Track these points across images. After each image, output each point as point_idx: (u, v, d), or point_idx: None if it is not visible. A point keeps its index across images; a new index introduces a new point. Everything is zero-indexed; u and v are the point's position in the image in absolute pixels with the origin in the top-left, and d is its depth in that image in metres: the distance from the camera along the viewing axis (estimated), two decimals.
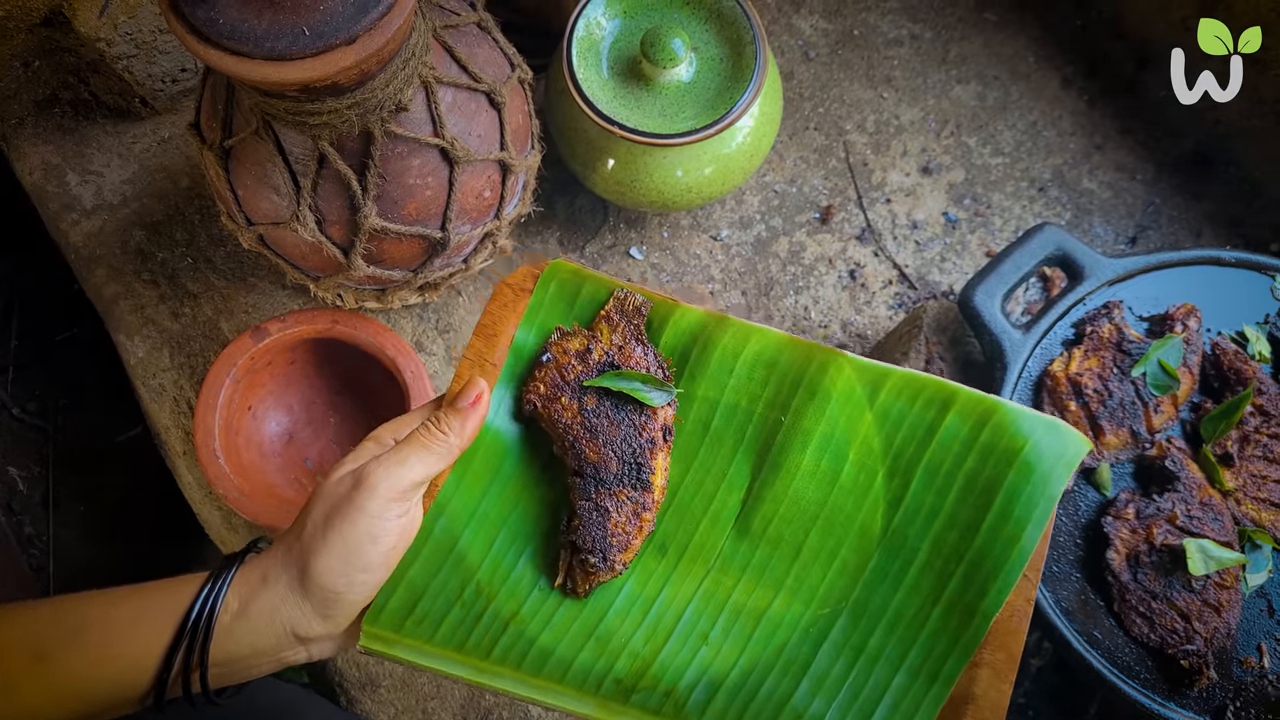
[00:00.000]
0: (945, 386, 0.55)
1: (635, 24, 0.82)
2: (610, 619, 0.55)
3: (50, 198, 0.98)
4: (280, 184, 0.70)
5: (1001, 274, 0.79)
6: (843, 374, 0.55)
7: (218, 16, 0.57)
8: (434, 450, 0.53)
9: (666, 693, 0.53)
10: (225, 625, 0.51)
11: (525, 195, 0.83)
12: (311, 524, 0.52)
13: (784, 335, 0.57)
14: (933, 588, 0.53)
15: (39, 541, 1.18)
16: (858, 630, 0.54)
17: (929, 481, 0.54)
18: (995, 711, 0.52)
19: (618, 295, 0.58)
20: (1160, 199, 0.98)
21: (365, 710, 0.85)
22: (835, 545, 0.55)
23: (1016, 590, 0.52)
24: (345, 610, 0.52)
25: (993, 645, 0.52)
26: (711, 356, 0.57)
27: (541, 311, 0.58)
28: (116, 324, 0.94)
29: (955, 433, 0.54)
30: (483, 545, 0.56)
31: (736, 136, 0.83)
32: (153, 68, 0.94)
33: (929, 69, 1.02)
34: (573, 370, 0.56)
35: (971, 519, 0.53)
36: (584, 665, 0.54)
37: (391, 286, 0.81)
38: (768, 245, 0.97)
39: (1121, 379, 0.76)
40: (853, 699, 0.53)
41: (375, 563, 0.52)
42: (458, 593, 0.55)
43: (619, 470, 0.55)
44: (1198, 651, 0.69)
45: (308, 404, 0.90)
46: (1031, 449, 0.53)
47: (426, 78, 0.68)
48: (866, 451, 0.55)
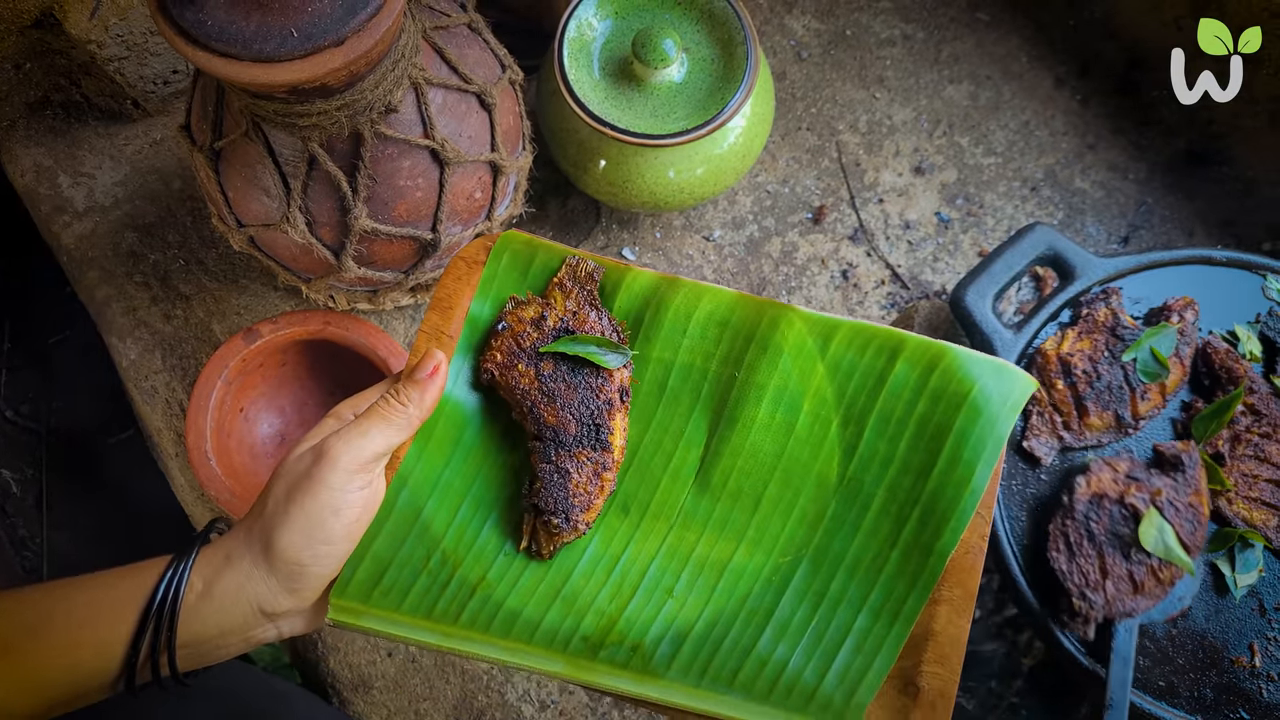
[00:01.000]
0: (894, 335, 0.56)
1: (627, 25, 0.82)
2: (576, 579, 0.56)
3: (42, 200, 0.98)
4: (270, 186, 0.70)
5: (992, 274, 0.79)
6: (794, 328, 0.57)
7: (206, 18, 0.57)
8: (393, 422, 0.53)
9: (633, 647, 0.55)
10: (191, 606, 0.51)
11: (517, 196, 0.83)
12: (274, 500, 0.52)
13: (735, 293, 0.58)
14: (890, 531, 0.55)
15: (32, 544, 1.18)
16: (819, 576, 0.55)
17: (881, 428, 0.56)
18: (954, 645, 0.53)
19: (570, 262, 0.58)
20: (1152, 198, 0.98)
21: (358, 711, 0.85)
22: (793, 495, 0.56)
23: (970, 528, 0.54)
24: (311, 584, 0.52)
25: (950, 582, 0.54)
26: (665, 318, 0.58)
27: (496, 282, 0.59)
28: (109, 326, 0.94)
29: (905, 379, 0.56)
30: (447, 513, 0.57)
31: (728, 137, 0.83)
32: (144, 70, 0.93)
33: (921, 69, 1.03)
34: (528, 338, 0.57)
35: (924, 462, 0.55)
36: (551, 625, 0.55)
37: (383, 288, 0.81)
38: (760, 245, 0.97)
39: (1112, 363, 0.76)
40: (816, 642, 0.55)
41: (338, 535, 0.52)
42: (424, 561, 0.55)
43: (578, 432, 0.56)
44: (1092, 605, 0.68)
45: (300, 406, 0.89)
46: (979, 391, 0.55)
47: (416, 79, 0.68)
48: (820, 402, 0.57)
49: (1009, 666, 0.84)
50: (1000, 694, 0.84)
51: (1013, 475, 0.76)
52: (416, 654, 0.86)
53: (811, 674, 0.54)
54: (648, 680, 0.54)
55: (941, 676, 0.53)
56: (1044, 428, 0.76)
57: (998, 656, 0.85)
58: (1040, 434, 0.76)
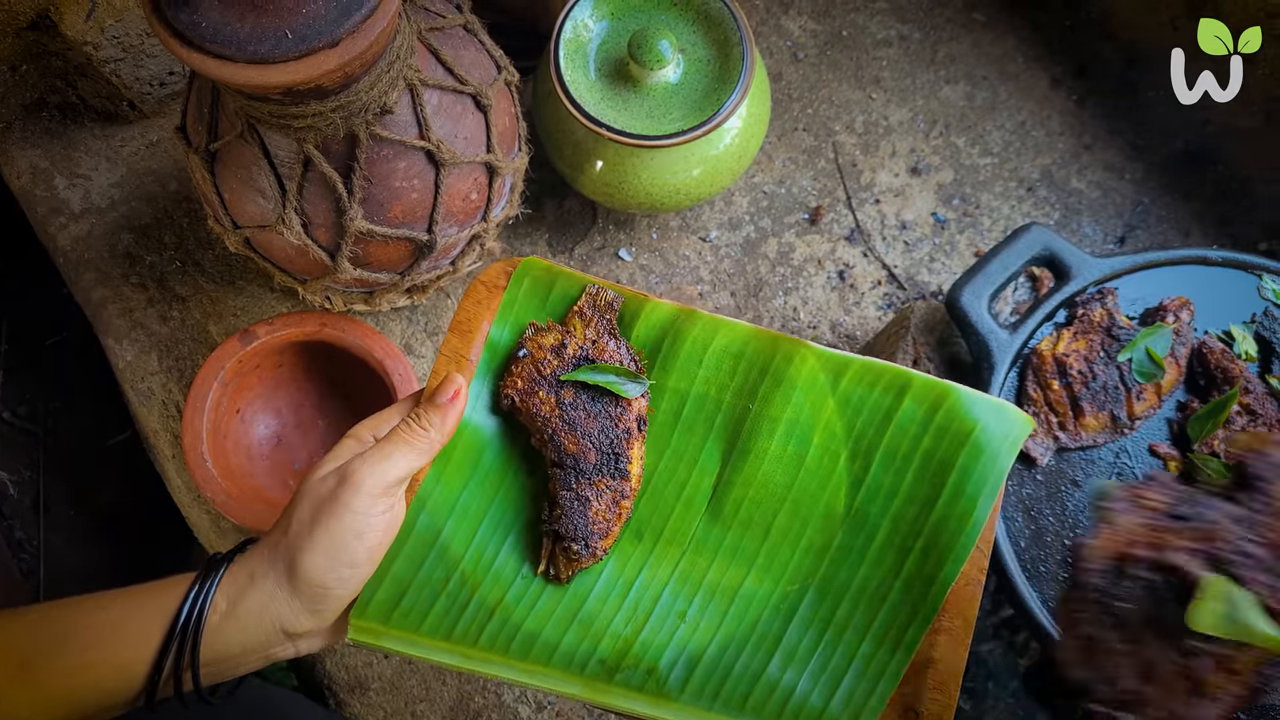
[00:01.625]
0: (902, 373, 0.58)
1: (622, 26, 0.82)
2: (592, 603, 0.57)
3: (38, 201, 0.98)
4: (265, 187, 0.70)
5: (988, 274, 0.79)
6: (806, 363, 0.58)
7: (200, 20, 0.57)
8: (416, 446, 0.54)
9: (648, 671, 0.56)
10: (214, 625, 0.51)
11: (513, 197, 0.83)
12: (298, 522, 0.52)
13: (750, 327, 0.59)
14: (894, 562, 0.57)
15: (29, 546, 1.18)
16: (825, 604, 0.57)
17: (888, 463, 0.57)
18: (953, 674, 0.55)
19: (590, 291, 0.59)
20: (1149, 198, 0.98)
21: (354, 713, 0.85)
22: (802, 525, 0.58)
23: (970, 560, 0.56)
24: (333, 605, 0.53)
25: (950, 612, 0.56)
26: (681, 349, 0.59)
27: (515, 307, 0.59)
28: (105, 328, 0.94)
29: (912, 416, 0.57)
30: (465, 536, 0.57)
31: (724, 138, 0.83)
32: (140, 71, 0.93)
33: (918, 69, 1.03)
34: (549, 365, 0.57)
35: (928, 496, 0.57)
36: (569, 648, 0.56)
37: (379, 289, 0.81)
38: (757, 246, 0.97)
39: (1107, 363, 0.76)
40: (823, 668, 0.56)
41: (361, 558, 0.52)
42: (443, 583, 0.56)
43: (597, 460, 0.56)
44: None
45: (296, 407, 0.89)
46: (981, 430, 0.57)
47: (412, 80, 0.68)
48: (830, 436, 0.58)
49: (1005, 667, 0.84)
50: (997, 694, 0.84)
51: (1008, 476, 0.76)
52: None
53: (818, 698, 0.56)
54: (662, 703, 0.56)
55: (940, 702, 0.55)
56: (1040, 428, 0.76)
57: (994, 657, 0.85)
58: (1036, 434, 0.76)
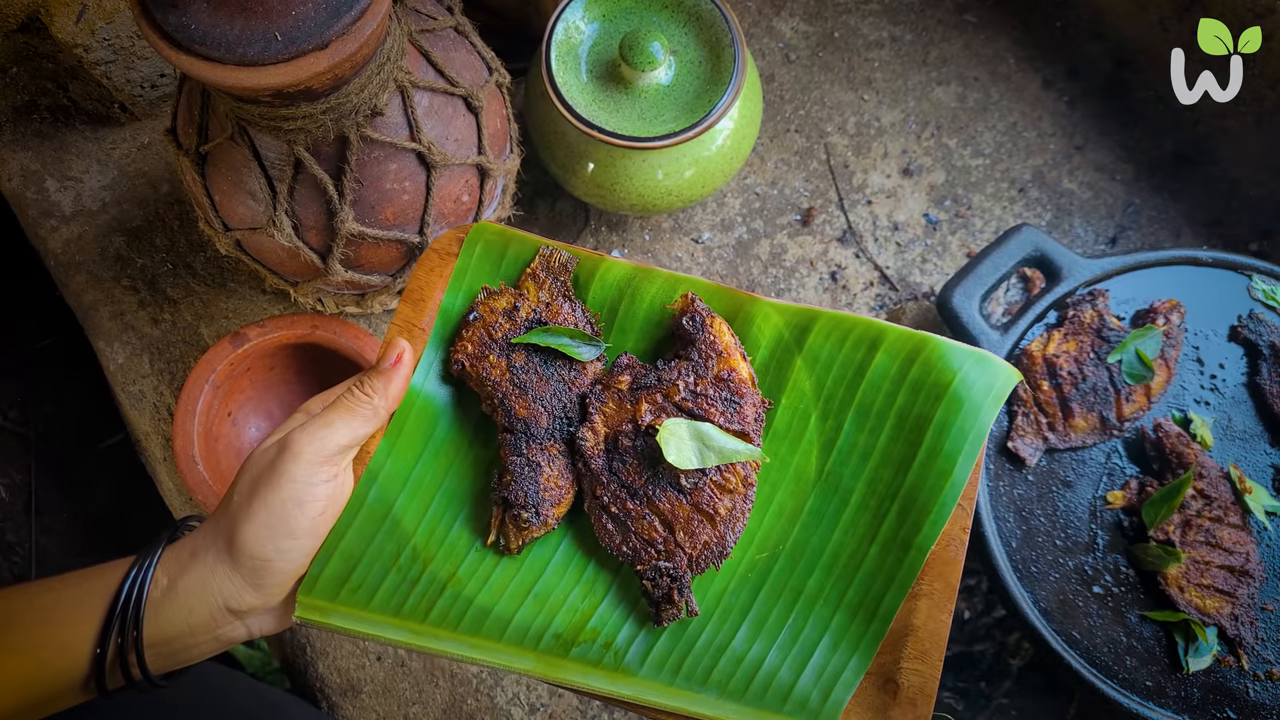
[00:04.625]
0: (874, 325, 0.55)
1: (614, 27, 0.82)
2: (549, 576, 0.55)
3: (29, 204, 0.97)
4: (256, 189, 0.70)
5: (979, 275, 0.80)
6: (769, 320, 0.56)
7: (189, 22, 0.57)
8: (358, 413, 0.53)
9: (606, 645, 0.54)
10: (155, 601, 0.50)
11: (505, 199, 0.83)
12: (238, 494, 0.51)
13: (710, 284, 0.57)
14: (869, 526, 0.54)
15: (21, 549, 1.18)
16: (795, 572, 0.55)
17: (861, 422, 0.55)
18: (935, 641, 0.52)
19: (543, 252, 0.58)
20: (1140, 199, 0.98)
21: (347, 716, 0.84)
22: (771, 490, 0.55)
23: (952, 520, 0.53)
24: (276, 579, 0.52)
25: (930, 576, 0.53)
26: (639, 309, 0.57)
27: (468, 274, 0.58)
28: (96, 330, 0.94)
29: (885, 371, 0.55)
30: (418, 509, 0.56)
31: (716, 139, 0.83)
32: (131, 73, 0.93)
33: (909, 71, 1.03)
34: (500, 328, 0.56)
35: (904, 455, 0.54)
36: (523, 622, 0.54)
37: (371, 291, 0.81)
38: (749, 247, 0.97)
39: (1097, 364, 0.76)
40: (793, 639, 0.54)
41: (303, 529, 0.51)
42: (394, 558, 0.55)
43: (550, 425, 0.55)
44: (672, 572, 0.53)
45: (288, 409, 0.89)
46: (960, 381, 0.54)
47: (402, 82, 0.68)
48: (798, 396, 0.56)
49: (998, 667, 0.84)
50: (989, 694, 0.84)
51: (999, 476, 0.76)
52: (406, 658, 0.86)
53: (788, 672, 0.53)
54: (620, 678, 0.53)
55: (921, 673, 0.52)
56: (1029, 429, 0.76)
57: (986, 657, 0.85)
58: (1025, 435, 0.76)
